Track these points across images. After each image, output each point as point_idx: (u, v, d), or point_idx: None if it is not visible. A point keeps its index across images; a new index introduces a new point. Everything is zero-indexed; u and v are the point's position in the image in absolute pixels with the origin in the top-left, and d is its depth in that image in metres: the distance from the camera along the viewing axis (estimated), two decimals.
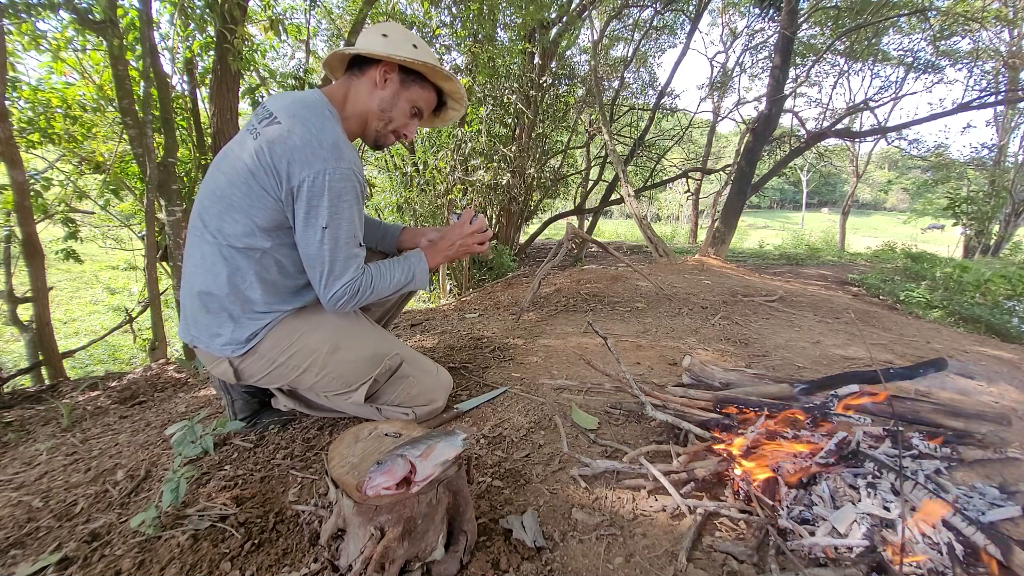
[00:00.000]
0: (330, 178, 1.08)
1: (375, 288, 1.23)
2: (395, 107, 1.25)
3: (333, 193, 1.10)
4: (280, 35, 3.30)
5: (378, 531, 0.74)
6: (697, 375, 1.45)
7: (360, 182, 1.16)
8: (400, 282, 1.28)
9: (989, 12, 8.40)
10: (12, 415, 1.69)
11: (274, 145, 1.08)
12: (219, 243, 1.14)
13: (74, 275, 8.12)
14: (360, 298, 1.21)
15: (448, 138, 5.66)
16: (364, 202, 1.25)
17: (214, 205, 1.14)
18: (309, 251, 1.15)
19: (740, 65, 13.07)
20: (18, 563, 0.88)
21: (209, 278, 1.15)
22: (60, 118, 3.65)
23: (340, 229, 1.13)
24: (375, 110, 1.24)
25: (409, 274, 1.30)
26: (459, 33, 4.99)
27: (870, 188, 46.14)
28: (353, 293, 1.19)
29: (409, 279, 1.30)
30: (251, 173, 1.10)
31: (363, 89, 1.23)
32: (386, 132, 1.28)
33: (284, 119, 1.11)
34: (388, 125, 1.27)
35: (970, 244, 12.29)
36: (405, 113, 1.27)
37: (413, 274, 1.31)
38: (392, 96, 1.24)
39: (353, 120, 1.25)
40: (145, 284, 3.09)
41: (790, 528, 0.88)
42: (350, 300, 1.19)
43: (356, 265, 1.19)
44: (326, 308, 1.21)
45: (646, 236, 5.90)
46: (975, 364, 2.10)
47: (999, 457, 1.12)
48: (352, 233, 1.16)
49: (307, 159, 1.08)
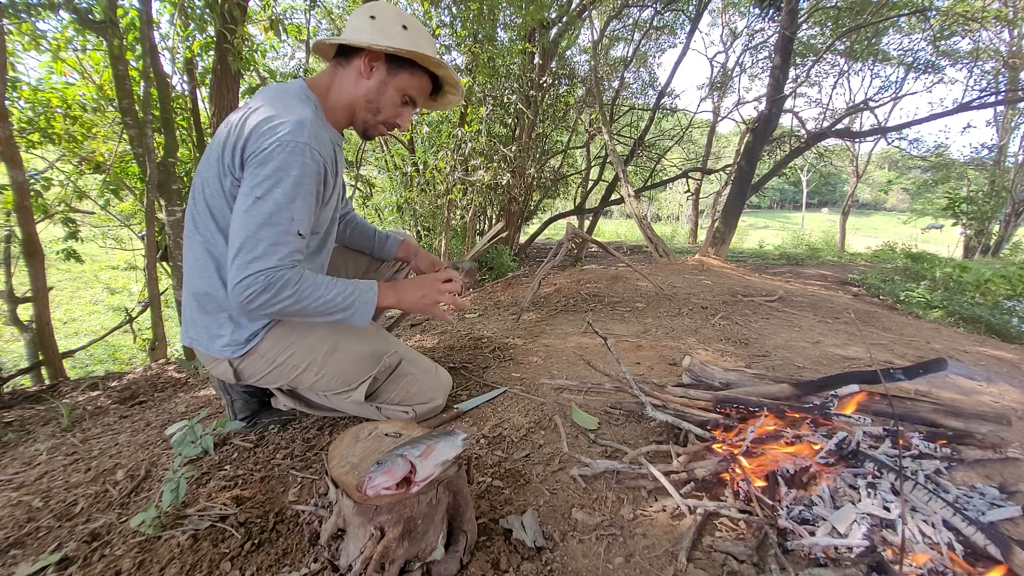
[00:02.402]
0: (280, 149, 0.99)
1: (298, 294, 1.02)
2: (383, 97, 1.17)
3: (278, 165, 0.99)
4: (280, 35, 3.30)
5: (378, 531, 0.74)
6: (697, 375, 1.45)
7: (319, 166, 1.05)
8: (332, 305, 1.07)
9: (989, 12, 8.40)
10: (12, 415, 1.70)
11: (238, 128, 1.04)
12: (206, 241, 1.13)
13: (74, 275, 8.12)
14: (275, 297, 1.00)
15: (448, 138, 5.66)
16: (330, 196, 1.16)
17: (196, 204, 1.14)
18: (235, 224, 1.00)
19: (740, 65, 13.09)
20: (18, 563, 0.88)
21: (203, 278, 1.14)
22: (60, 118, 3.66)
23: (276, 205, 0.99)
24: (362, 100, 1.17)
25: (348, 301, 1.09)
26: (459, 33, 4.99)
27: (870, 188, 46.15)
28: (267, 286, 0.98)
29: (346, 307, 1.08)
30: (221, 161, 1.06)
31: (348, 78, 1.16)
32: (375, 123, 1.21)
33: (254, 104, 1.09)
34: (377, 116, 1.20)
35: (970, 244, 12.29)
36: (394, 103, 1.19)
37: (352, 304, 1.09)
38: (379, 86, 1.16)
39: (339, 110, 1.18)
40: (145, 284, 3.09)
41: (790, 528, 0.88)
42: (261, 294, 0.98)
43: (284, 255, 1.00)
44: (229, 296, 1.01)
45: (646, 236, 5.89)
46: (975, 364, 2.10)
47: (999, 457, 1.13)
48: (291, 216, 1.00)
49: (263, 133, 1.01)
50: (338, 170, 1.20)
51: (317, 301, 1.05)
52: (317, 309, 1.06)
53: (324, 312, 1.08)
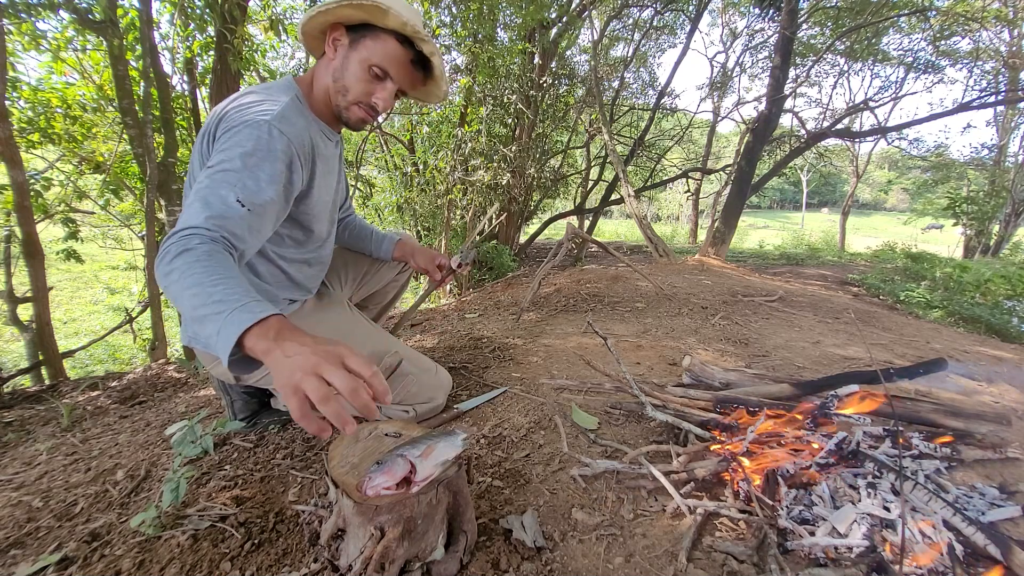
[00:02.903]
0: (242, 126, 0.93)
1: (179, 267, 0.75)
2: (346, 72, 1.05)
3: (233, 138, 0.92)
4: (280, 35, 3.30)
5: (378, 531, 0.74)
6: (697, 375, 1.45)
7: (284, 146, 0.96)
8: (189, 304, 0.73)
9: (989, 12, 8.40)
10: (12, 415, 1.70)
11: (216, 119, 1.01)
12: None
13: (74, 275, 8.12)
14: (163, 262, 0.77)
15: (448, 138, 5.66)
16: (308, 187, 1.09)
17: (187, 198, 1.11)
18: (192, 188, 0.91)
19: (740, 65, 13.10)
20: (18, 563, 0.88)
21: None
22: (60, 118, 3.66)
23: (221, 172, 0.88)
24: (330, 84, 1.08)
25: (205, 311, 0.71)
26: (459, 33, 4.99)
27: (870, 188, 46.16)
28: (168, 248, 0.78)
29: (198, 318, 0.72)
30: (201, 156, 1.04)
31: (321, 66, 1.10)
32: (347, 105, 1.09)
33: (237, 96, 1.06)
34: (347, 96, 1.07)
35: (970, 244, 12.29)
36: (359, 77, 1.05)
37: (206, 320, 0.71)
38: (342, 62, 1.06)
39: (319, 101, 1.11)
40: (145, 284, 3.09)
41: (790, 528, 0.88)
42: (163, 256, 0.78)
43: (211, 215, 0.82)
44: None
45: (646, 236, 5.90)
46: (975, 364, 2.10)
47: (999, 457, 1.13)
48: (232, 182, 0.87)
49: (231, 117, 0.97)
50: (317, 161, 1.10)
51: (180, 293, 0.74)
52: (179, 301, 0.75)
53: (182, 310, 0.79)
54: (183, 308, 0.75)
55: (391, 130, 6.58)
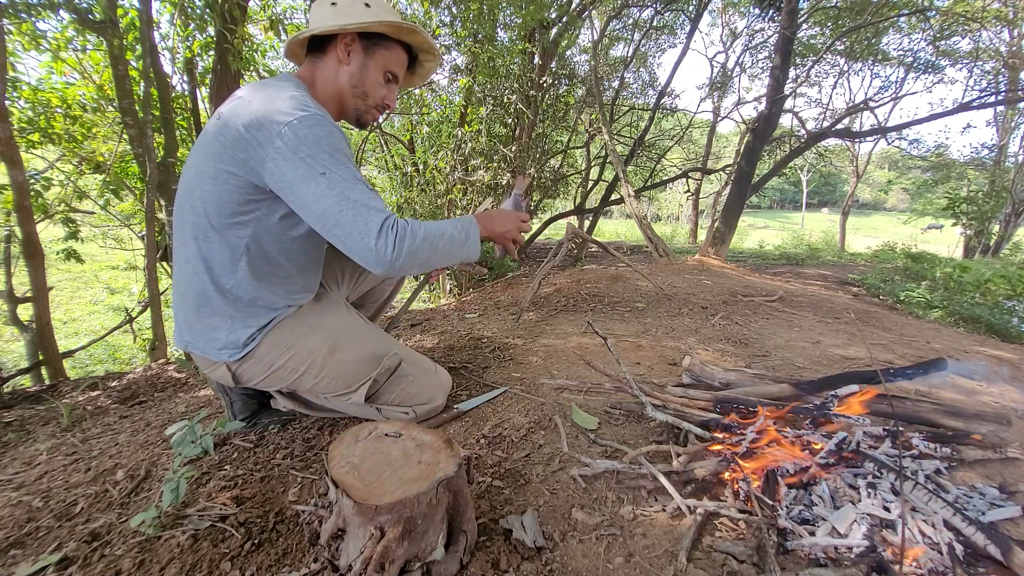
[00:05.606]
0: (302, 125, 0.98)
1: (427, 233, 1.02)
2: (366, 79, 1.16)
3: (313, 139, 0.99)
4: (280, 35, 3.30)
5: (378, 531, 0.74)
6: (697, 375, 1.45)
7: (338, 129, 1.05)
8: (455, 241, 1.10)
9: (989, 12, 8.39)
10: (12, 415, 1.69)
11: (234, 118, 1.03)
12: (199, 242, 1.09)
13: (74, 275, 8.12)
14: (414, 243, 1.00)
15: (448, 138, 5.66)
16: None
17: (186, 200, 1.10)
18: (318, 208, 0.98)
19: (740, 65, 13.10)
20: (18, 563, 0.88)
21: (197, 281, 1.11)
22: (60, 118, 3.66)
23: (341, 171, 0.99)
24: (347, 88, 1.15)
25: (463, 234, 1.12)
26: (459, 33, 4.99)
27: (870, 188, 46.17)
28: (400, 236, 0.98)
29: (464, 240, 1.12)
30: (215, 156, 1.04)
31: (329, 70, 1.15)
32: (367, 108, 1.20)
33: (243, 94, 1.07)
34: (366, 100, 1.18)
35: (970, 244, 12.29)
36: (379, 83, 1.18)
37: (468, 238, 1.13)
38: (359, 68, 1.15)
39: (328, 103, 1.16)
40: (145, 284, 3.09)
41: (790, 528, 0.88)
42: (400, 243, 0.97)
43: (381, 206, 1.00)
44: (377, 267, 0.98)
45: (646, 236, 5.90)
46: (975, 364, 2.10)
47: (999, 457, 1.13)
48: (356, 176, 1.00)
49: (271, 118, 0.99)
50: None
51: (443, 238, 1.06)
52: (442, 244, 1.06)
53: (450, 248, 1.09)
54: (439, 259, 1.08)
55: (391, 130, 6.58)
